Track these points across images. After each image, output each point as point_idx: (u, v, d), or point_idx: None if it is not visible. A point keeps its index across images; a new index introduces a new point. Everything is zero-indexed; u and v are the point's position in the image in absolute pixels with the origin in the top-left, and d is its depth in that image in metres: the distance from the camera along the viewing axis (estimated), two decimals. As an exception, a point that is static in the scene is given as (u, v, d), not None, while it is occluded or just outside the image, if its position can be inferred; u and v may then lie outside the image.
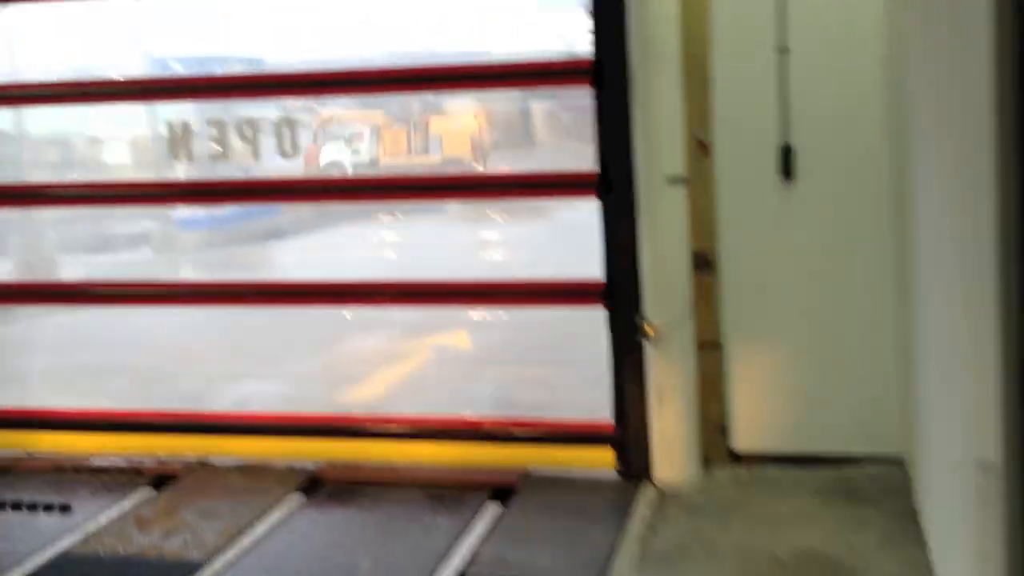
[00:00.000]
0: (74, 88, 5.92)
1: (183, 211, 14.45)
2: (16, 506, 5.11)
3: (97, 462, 5.58)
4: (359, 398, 6.69)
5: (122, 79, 5.97)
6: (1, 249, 12.81)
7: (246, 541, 4.57)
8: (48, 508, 5.05)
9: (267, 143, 5.60)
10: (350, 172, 6.32)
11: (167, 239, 15.84)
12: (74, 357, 7.52)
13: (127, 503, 5.06)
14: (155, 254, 15.62)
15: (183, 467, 5.46)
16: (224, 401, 6.62)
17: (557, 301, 5.44)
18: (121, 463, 5.55)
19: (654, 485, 4.96)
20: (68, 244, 14.62)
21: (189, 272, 14.29)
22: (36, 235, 12.70)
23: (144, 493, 5.18)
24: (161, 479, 5.33)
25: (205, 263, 14.99)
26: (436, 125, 15.83)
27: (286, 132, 5.49)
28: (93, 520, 4.87)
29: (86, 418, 5.83)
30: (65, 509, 5.03)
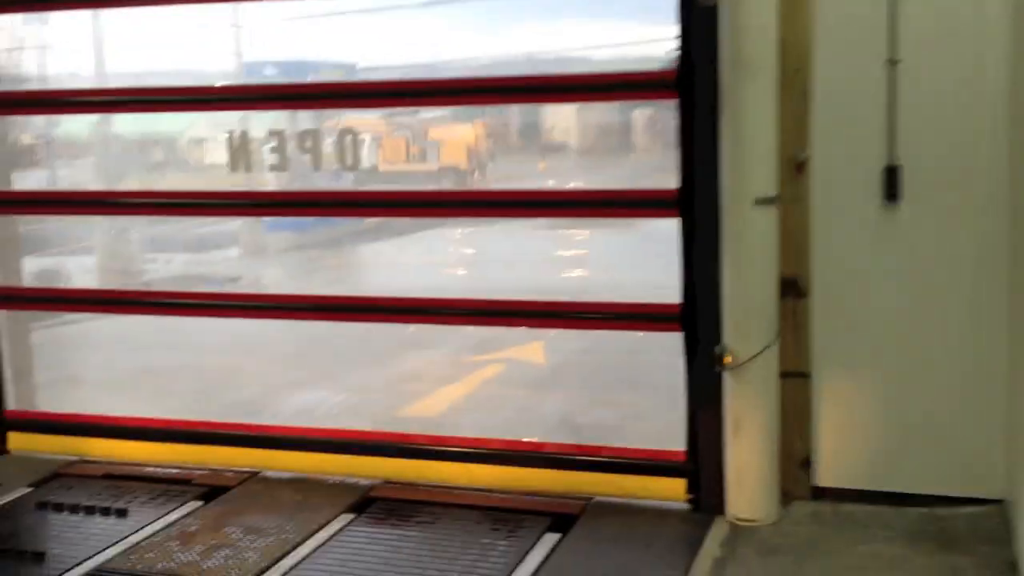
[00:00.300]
0: (165, 95, 5.76)
1: (269, 212, 14.47)
2: (74, 509, 4.97)
3: (149, 471, 5.41)
4: (423, 412, 6.48)
5: (211, 87, 5.79)
6: (87, 247, 12.96)
7: (288, 561, 4.34)
8: (105, 512, 4.91)
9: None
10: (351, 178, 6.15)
11: (254, 240, 15.94)
12: (137, 359, 7.45)
13: (173, 515, 4.87)
14: (242, 255, 15.71)
15: (235, 479, 5.25)
16: (285, 409, 6.47)
17: (632, 325, 5.14)
18: (173, 473, 5.38)
19: (727, 520, 4.63)
20: (155, 242, 14.76)
21: (275, 273, 14.33)
22: (120, 233, 12.80)
23: (192, 505, 4.99)
24: (212, 491, 5.14)
25: (290, 264, 15.02)
26: (434, 134, 15.95)
27: (348, 143, 5.27)
28: (136, 532, 4.68)
29: (141, 425, 5.67)
30: (122, 514, 4.88)
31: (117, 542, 4.57)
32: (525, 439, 5.36)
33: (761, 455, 4.59)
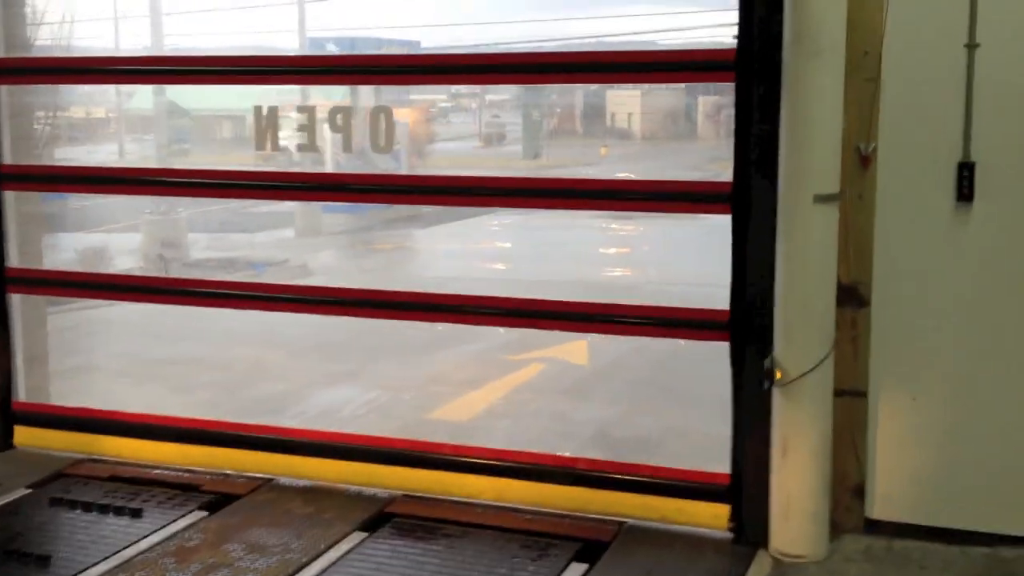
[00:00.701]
0: (224, 66, 5.44)
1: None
2: (73, 515, 4.68)
3: (157, 473, 5.11)
4: (453, 416, 6.12)
5: (275, 57, 5.46)
6: (135, 225, 12.83)
7: (290, 588, 4.01)
8: (105, 518, 4.61)
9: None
10: (295, 157, 5.83)
11: (309, 221, 15.80)
12: (157, 348, 7.18)
13: (176, 526, 4.54)
14: (296, 236, 15.57)
15: (246, 487, 4.93)
16: (310, 407, 6.17)
17: (675, 332, 4.70)
18: (182, 477, 5.07)
19: (770, 554, 4.20)
20: (209, 221, 14.63)
21: (324, 256, 14.17)
22: (167, 211, 12.63)
23: (196, 515, 4.66)
24: (220, 499, 4.81)
25: (341, 248, 14.83)
26: (291, 116, 16.29)
27: (382, 122, 4.88)
28: (132, 545, 4.35)
29: (153, 423, 5.35)
30: (122, 521, 4.59)
31: (109, 556, 4.25)
32: (558, 453, 4.97)
33: (811, 482, 4.16)
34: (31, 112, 5.89)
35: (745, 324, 4.28)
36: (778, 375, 4.12)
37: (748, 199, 4.24)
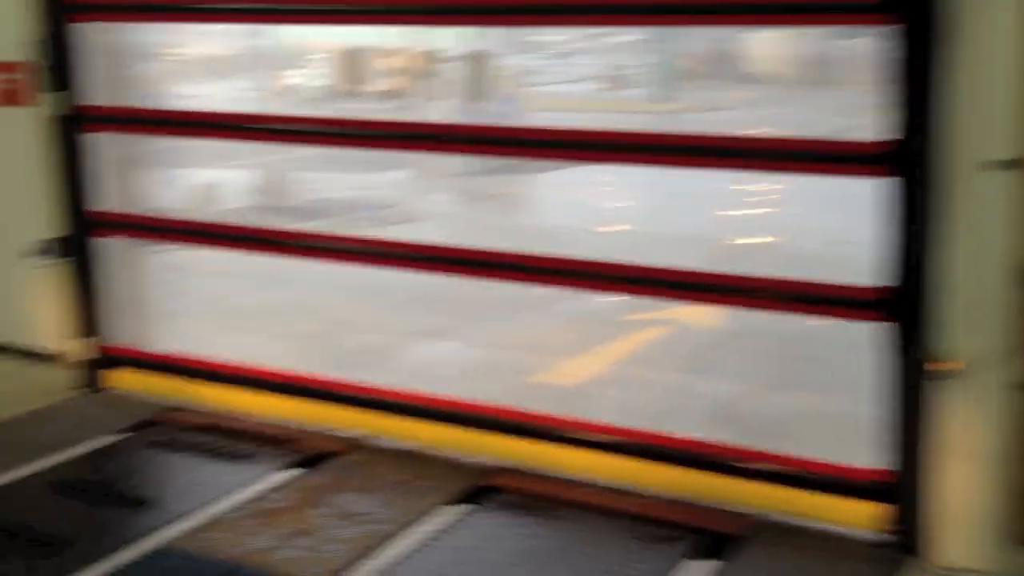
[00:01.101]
0: (327, 6, 4.99)
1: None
2: (162, 465, 4.50)
3: (250, 426, 4.81)
4: (560, 380, 5.69)
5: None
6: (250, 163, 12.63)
7: (371, 565, 3.64)
8: (195, 470, 4.40)
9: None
10: (387, 104, 5.35)
11: (428, 160, 15.47)
12: (253, 293, 6.90)
13: (263, 484, 4.25)
14: (410, 178, 15.28)
15: (339, 446, 4.58)
16: (408, 362, 5.81)
17: (820, 310, 4.15)
18: (275, 431, 4.75)
19: (932, 565, 3.70)
20: (325, 159, 14.42)
21: (437, 200, 13.84)
22: (269, 152, 12.38)
23: (285, 475, 4.35)
24: (311, 458, 4.49)
25: (454, 192, 14.51)
26: (378, 60, 16.64)
27: (476, 69, 4.40)
28: (215, 503, 4.07)
29: (249, 374, 5.06)
30: (209, 476, 4.35)
31: (191, 511, 4.00)
32: (679, 431, 4.50)
33: (983, 486, 3.63)
34: (139, 50, 5.59)
35: (905, 306, 3.73)
36: (949, 365, 3.60)
37: (912, 161, 3.66)
